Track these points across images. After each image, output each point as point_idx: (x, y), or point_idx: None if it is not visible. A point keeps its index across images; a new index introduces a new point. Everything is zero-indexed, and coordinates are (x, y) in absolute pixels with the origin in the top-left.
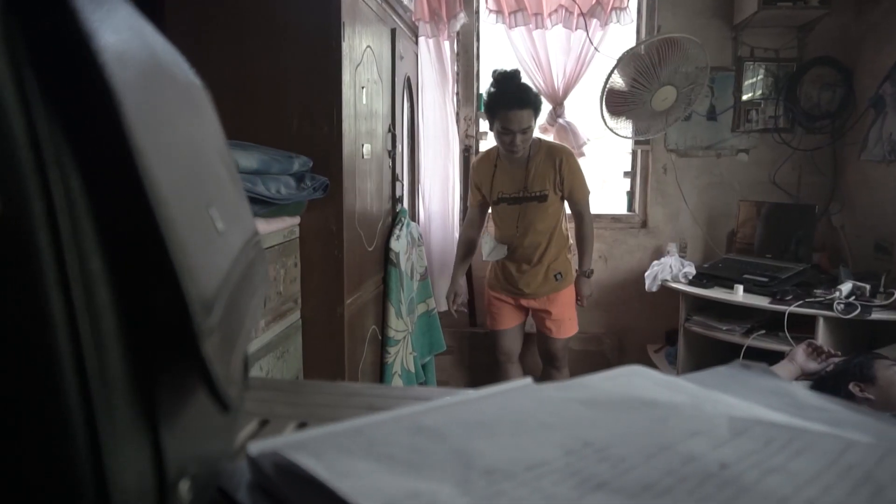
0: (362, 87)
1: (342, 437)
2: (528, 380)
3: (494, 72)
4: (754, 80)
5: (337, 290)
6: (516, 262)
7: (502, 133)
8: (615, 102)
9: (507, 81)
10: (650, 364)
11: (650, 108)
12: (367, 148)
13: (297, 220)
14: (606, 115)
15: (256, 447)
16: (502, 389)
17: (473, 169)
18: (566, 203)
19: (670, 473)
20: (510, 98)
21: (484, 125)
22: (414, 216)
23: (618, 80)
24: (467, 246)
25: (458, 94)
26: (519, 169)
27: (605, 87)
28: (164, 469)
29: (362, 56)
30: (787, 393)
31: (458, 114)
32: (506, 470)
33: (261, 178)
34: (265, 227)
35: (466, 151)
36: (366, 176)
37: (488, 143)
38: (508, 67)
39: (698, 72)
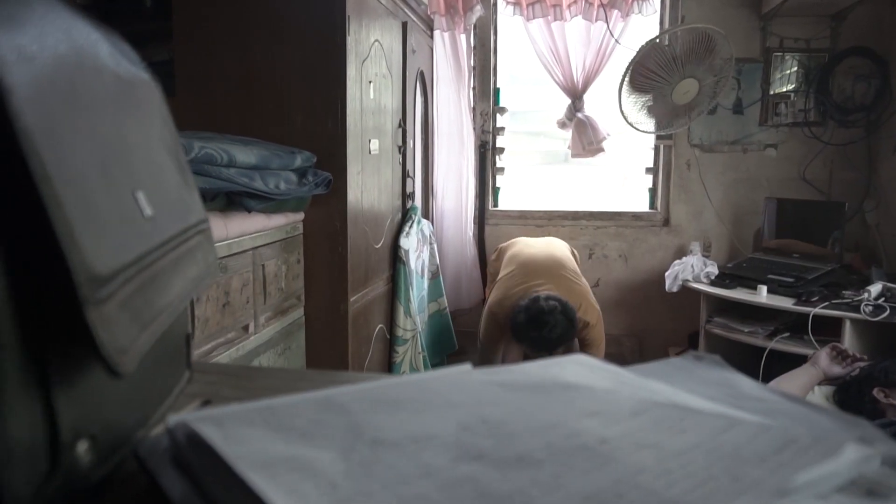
0: (369, 82)
1: (255, 412)
2: (468, 366)
3: (528, 303)
4: (784, 71)
5: (340, 287)
6: None
7: (529, 353)
8: (635, 98)
9: (538, 327)
10: None
11: (671, 101)
12: (374, 143)
13: (300, 216)
14: (626, 108)
15: (174, 419)
16: (437, 374)
17: (497, 330)
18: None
19: (548, 447)
20: (540, 345)
21: (501, 120)
22: (428, 214)
23: (637, 74)
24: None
25: (474, 88)
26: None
27: (623, 80)
28: (57, 428)
29: (370, 50)
30: (730, 384)
31: (474, 109)
32: (393, 441)
33: (259, 173)
34: (266, 222)
35: (483, 147)
36: (373, 172)
37: (505, 138)
38: (546, 304)
39: (723, 63)
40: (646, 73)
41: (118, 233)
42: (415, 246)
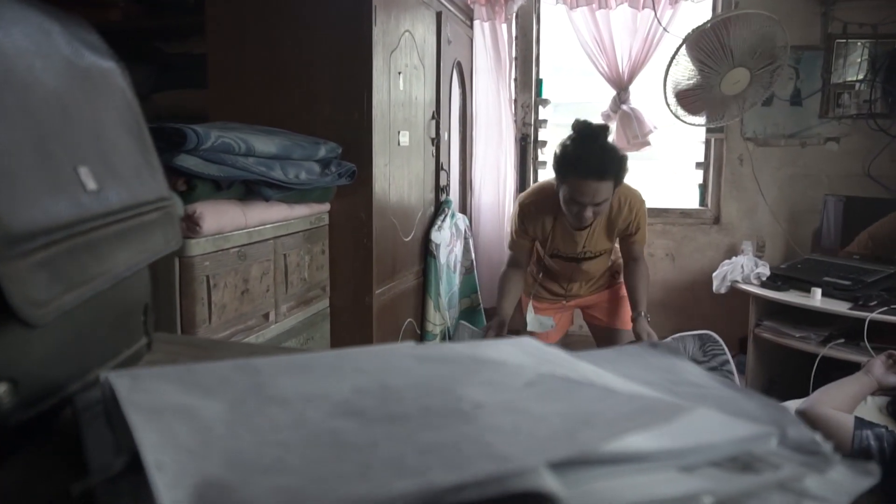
0: (399, 73)
1: (175, 371)
2: (410, 343)
3: (576, 123)
4: (847, 59)
5: (365, 279)
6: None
7: (570, 202)
8: (681, 88)
9: (589, 142)
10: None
11: (719, 91)
12: (404, 135)
13: (325, 207)
14: (671, 99)
15: (105, 375)
16: (369, 347)
17: (525, 214)
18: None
19: (424, 409)
20: (589, 166)
21: (544, 112)
22: (465, 208)
23: (683, 63)
24: (513, 283)
25: (516, 79)
26: (578, 228)
27: (668, 69)
28: None
29: (399, 41)
30: (674, 370)
31: (515, 101)
32: (285, 398)
33: (280, 162)
34: (288, 212)
35: (524, 140)
36: (402, 164)
37: (548, 131)
38: (594, 120)
39: (779, 51)
40: (693, 63)
41: (45, 200)
42: (447, 240)
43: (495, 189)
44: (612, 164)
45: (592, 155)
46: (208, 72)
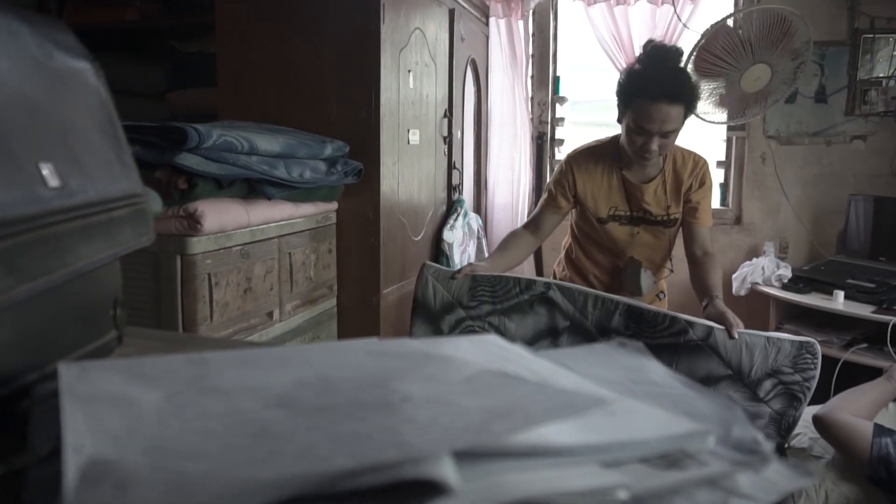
0: (409, 71)
1: (126, 363)
2: (374, 339)
3: (648, 43)
4: (874, 55)
5: (373, 279)
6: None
7: (635, 131)
8: (700, 85)
9: (662, 61)
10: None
11: (739, 89)
12: (414, 133)
13: (332, 205)
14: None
15: (63, 364)
16: (327, 344)
17: (576, 165)
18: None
19: (352, 401)
20: (660, 85)
21: (561, 111)
22: (479, 207)
23: (702, 60)
24: (518, 247)
25: (532, 77)
26: (642, 180)
27: (685, 66)
28: None
29: (409, 38)
30: (638, 369)
31: (532, 98)
32: (224, 389)
33: (283, 161)
34: (293, 210)
35: (540, 139)
36: (412, 162)
37: (564, 129)
38: (669, 43)
39: (802, 47)
40: (711, 59)
41: (1, 195)
42: (460, 240)
43: (510, 188)
44: (686, 88)
45: (665, 75)
46: (217, 71)
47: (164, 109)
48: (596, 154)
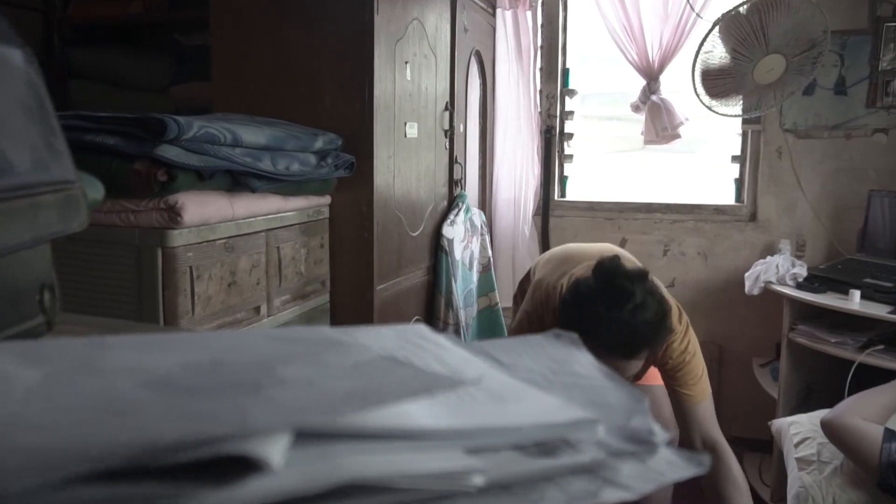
0: (406, 63)
1: (22, 345)
2: (295, 326)
3: (598, 267)
4: None
5: (366, 275)
6: None
7: None
8: (710, 76)
9: (617, 297)
10: (753, 380)
11: (752, 80)
12: (412, 127)
13: (325, 199)
14: (700, 89)
15: None
16: (245, 331)
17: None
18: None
19: (227, 383)
20: (612, 342)
21: (571, 104)
22: (484, 203)
23: (715, 48)
24: None
25: (541, 69)
26: None
27: (696, 56)
28: None
29: (406, 29)
30: (564, 360)
31: (540, 91)
32: (107, 370)
33: (270, 153)
34: (282, 204)
35: (548, 133)
36: (410, 156)
37: (574, 122)
38: (622, 267)
39: (818, 36)
40: (724, 49)
41: None
42: (461, 236)
43: (516, 184)
44: (648, 337)
45: (620, 323)
46: (212, 64)
47: (167, 103)
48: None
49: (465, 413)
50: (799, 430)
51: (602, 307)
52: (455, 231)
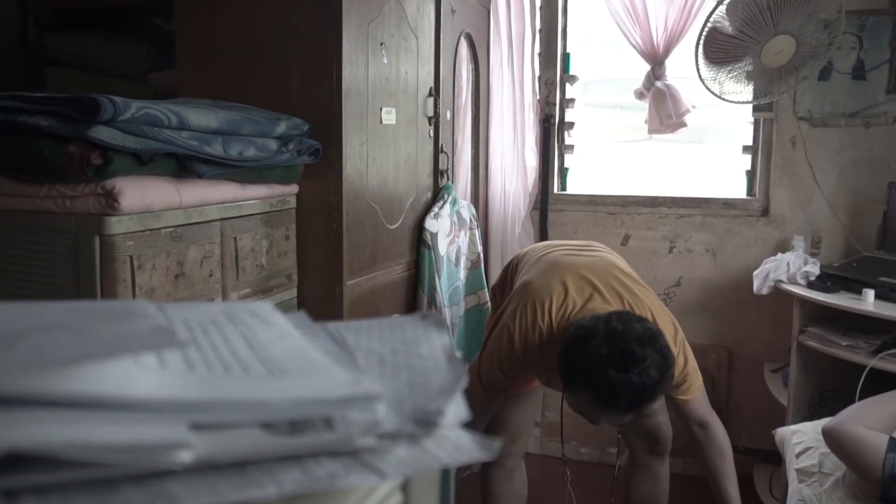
0: (381, 44)
1: None
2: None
3: (609, 328)
4: None
5: (336, 269)
6: None
7: (578, 412)
8: (715, 56)
9: (622, 371)
10: (764, 387)
11: (759, 63)
12: (389, 113)
13: (290, 188)
14: (704, 73)
15: None
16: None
17: (507, 365)
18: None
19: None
20: (619, 402)
21: (572, 91)
22: (476, 195)
23: (722, 25)
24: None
25: (539, 54)
26: None
27: (700, 38)
28: None
29: (381, 10)
30: (414, 342)
31: (539, 77)
32: None
33: (222, 137)
34: (238, 192)
35: (547, 121)
36: (386, 143)
37: (575, 111)
38: (627, 326)
39: (836, 16)
40: (730, 30)
41: None
42: (447, 229)
43: (512, 175)
44: (653, 395)
45: (625, 390)
46: (176, 50)
47: (145, 90)
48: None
49: (210, 386)
50: (802, 439)
51: (611, 371)
52: (439, 224)
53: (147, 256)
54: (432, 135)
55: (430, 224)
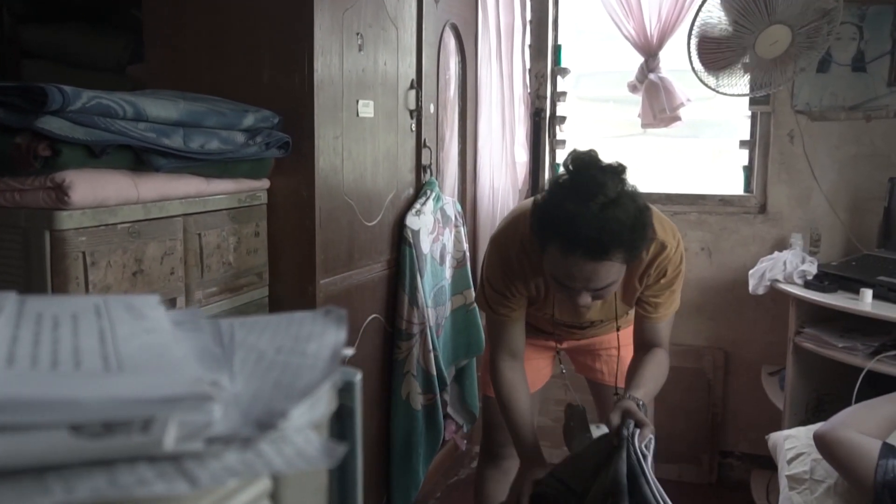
0: (357, 34)
1: None
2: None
3: (571, 157)
4: None
5: (308, 267)
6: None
7: (555, 282)
8: (708, 48)
9: (583, 201)
10: (761, 390)
11: (753, 54)
12: (366, 105)
13: (260, 183)
14: (697, 65)
15: None
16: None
17: (507, 267)
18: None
19: None
20: (579, 238)
21: (563, 84)
22: (464, 192)
23: (712, 16)
24: (521, 392)
25: (530, 46)
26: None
27: (691, 28)
28: None
29: None
30: (304, 338)
31: (529, 70)
32: None
33: (183, 130)
34: (203, 186)
35: (537, 115)
36: (363, 137)
37: (567, 104)
38: (596, 159)
39: (834, 4)
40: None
41: None
42: (429, 227)
43: (502, 171)
44: (620, 237)
45: (584, 222)
46: (144, 41)
47: (124, 83)
48: (527, 247)
49: (16, 383)
50: (794, 444)
51: (571, 202)
52: (422, 222)
53: (102, 253)
54: (414, 129)
55: (412, 221)
